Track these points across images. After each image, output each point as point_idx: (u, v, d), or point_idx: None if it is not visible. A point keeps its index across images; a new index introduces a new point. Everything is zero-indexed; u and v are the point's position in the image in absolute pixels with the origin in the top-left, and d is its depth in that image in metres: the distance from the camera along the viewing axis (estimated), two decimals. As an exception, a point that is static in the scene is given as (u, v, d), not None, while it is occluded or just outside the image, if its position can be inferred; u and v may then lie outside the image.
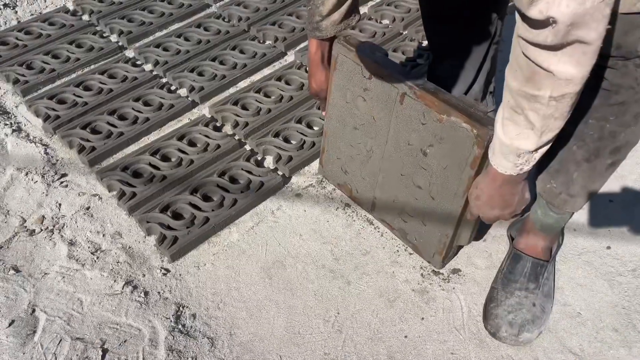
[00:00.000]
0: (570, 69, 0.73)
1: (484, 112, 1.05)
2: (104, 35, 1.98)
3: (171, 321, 1.18)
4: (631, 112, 0.90)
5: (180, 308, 1.21)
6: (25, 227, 1.37)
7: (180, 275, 1.28)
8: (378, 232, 1.37)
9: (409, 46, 1.89)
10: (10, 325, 1.16)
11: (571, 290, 1.24)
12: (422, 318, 1.20)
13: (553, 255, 1.21)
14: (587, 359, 1.12)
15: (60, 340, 1.14)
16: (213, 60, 1.86)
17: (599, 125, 0.94)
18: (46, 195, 1.45)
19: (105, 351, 1.13)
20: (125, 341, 1.15)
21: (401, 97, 1.13)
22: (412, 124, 1.14)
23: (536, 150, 0.86)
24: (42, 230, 1.37)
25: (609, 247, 1.32)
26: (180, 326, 1.18)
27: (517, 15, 0.75)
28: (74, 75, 1.83)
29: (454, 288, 1.25)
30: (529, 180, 0.98)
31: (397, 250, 1.32)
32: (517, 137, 0.85)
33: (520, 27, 0.75)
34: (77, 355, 1.12)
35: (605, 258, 1.30)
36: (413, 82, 1.11)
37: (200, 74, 1.81)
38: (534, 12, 0.69)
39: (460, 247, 1.29)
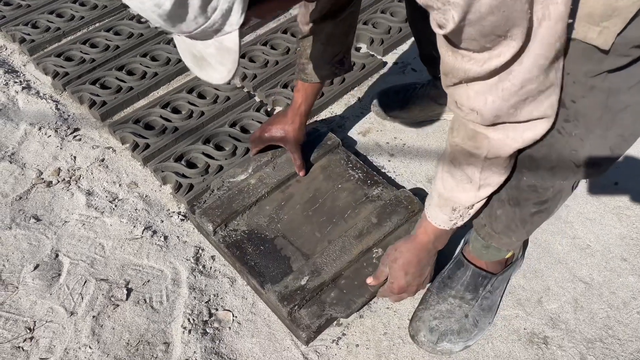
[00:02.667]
0: (502, 136, 0.74)
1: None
2: (107, -7, 1.97)
3: (191, 262, 1.22)
4: (545, 168, 0.81)
5: (200, 250, 1.24)
6: (43, 179, 1.39)
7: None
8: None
9: None
10: (35, 269, 1.20)
11: (580, 224, 1.27)
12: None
13: (504, 270, 1.10)
14: (596, 287, 1.16)
15: (86, 281, 1.18)
16: (218, 15, 1.85)
17: (516, 175, 0.86)
18: (60, 148, 1.47)
19: (129, 290, 1.16)
20: (148, 281, 1.18)
21: None
22: None
23: (472, 205, 0.87)
24: (59, 181, 1.39)
25: (616, 183, 1.34)
26: (200, 267, 1.21)
27: None
28: (79, 33, 1.83)
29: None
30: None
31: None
32: (456, 190, 0.86)
33: (452, 103, 0.76)
34: (102, 294, 1.15)
35: (613, 193, 1.32)
36: None
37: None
38: (458, 97, 0.71)
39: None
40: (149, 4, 0.55)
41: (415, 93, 1.47)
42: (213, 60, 0.66)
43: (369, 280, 1.10)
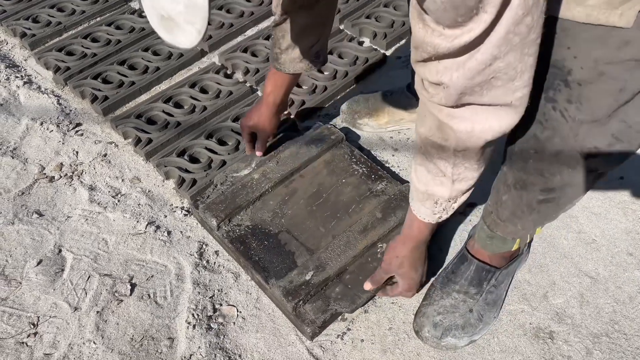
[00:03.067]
0: (468, 126, 0.72)
1: None
2: (108, -13, 1.95)
3: (195, 257, 1.21)
4: (550, 151, 0.79)
5: (203, 245, 1.24)
6: (45, 174, 1.39)
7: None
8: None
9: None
10: (38, 264, 1.19)
11: (586, 219, 1.26)
12: (441, 249, 1.22)
13: (508, 264, 1.09)
14: (602, 282, 1.15)
15: (89, 276, 1.17)
16: (219, 9, 1.84)
17: (522, 156, 0.84)
18: (62, 143, 1.46)
19: (133, 285, 1.16)
20: (152, 276, 1.18)
21: None
22: None
23: (454, 198, 0.84)
24: (61, 176, 1.38)
25: (622, 178, 1.33)
26: (204, 262, 1.21)
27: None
28: (80, 28, 1.82)
29: (470, 220, 1.27)
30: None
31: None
32: (432, 184, 0.84)
33: (418, 83, 0.74)
34: (106, 289, 1.15)
35: (618, 188, 1.32)
36: None
37: (208, 23, 1.79)
38: (427, 73, 0.69)
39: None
40: None
41: (386, 100, 1.46)
42: (181, 19, 0.63)
43: (367, 286, 1.08)
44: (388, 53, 1.69)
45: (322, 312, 1.08)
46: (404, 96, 1.44)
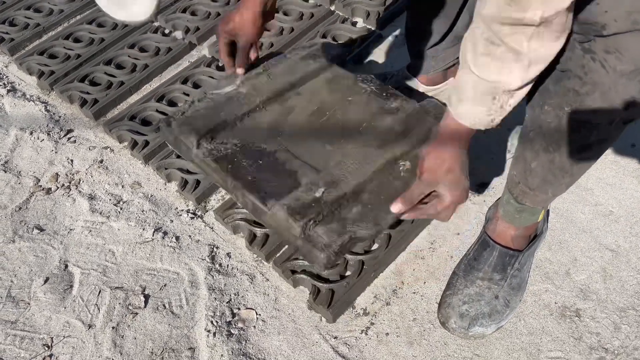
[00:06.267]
0: None
1: None
2: (85, -17, 1.87)
3: (207, 262, 1.17)
4: (589, 107, 0.74)
5: (214, 249, 1.20)
6: (41, 186, 1.33)
7: (208, 217, 1.26)
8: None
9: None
10: (45, 282, 1.15)
11: (601, 190, 1.24)
12: (458, 233, 1.20)
13: (530, 245, 1.07)
14: (623, 254, 1.14)
15: (100, 291, 1.13)
16: (204, -2, 1.77)
17: (555, 113, 0.79)
18: (55, 152, 1.40)
19: (147, 297, 1.12)
20: (165, 285, 1.14)
21: None
22: None
23: (519, 88, 0.74)
24: (58, 187, 1.33)
25: (633, 145, 1.31)
26: (217, 265, 1.17)
27: None
28: (60, 28, 1.74)
29: (484, 200, 1.24)
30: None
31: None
32: (498, 73, 0.73)
33: None
34: (119, 303, 1.11)
35: (631, 156, 1.29)
36: None
37: (194, 14, 1.73)
38: None
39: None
40: None
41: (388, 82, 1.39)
42: None
43: (397, 207, 0.88)
44: (383, 32, 1.64)
45: (338, 235, 0.87)
46: (404, 78, 1.39)
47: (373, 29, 1.64)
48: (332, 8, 1.72)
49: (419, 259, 1.16)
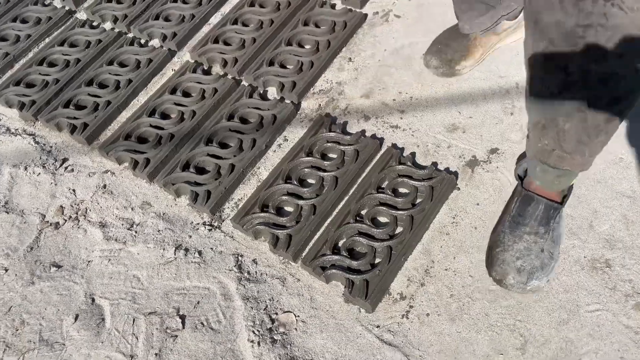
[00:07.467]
0: None
1: None
2: (46, 3, 1.79)
3: (235, 272, 1.16)
4: (612, 55, 0.76)
5: (239, 257, 1.19)
6: (48, 221, 1.29)
7: (225, 226, 1.24)
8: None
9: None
10: (76, 320, 1.12)
11: (608, 139, 1.26)
12: (477, 204, 1.21)
13: (566, 199, 1.10)
14: (640, 199, 1.16)
15: (134, 319, 1.11)
16: (174, 1, 1.71)
17: (583, 70, 0.81)
18: (55, 184, 1.36)
19: (182, 317, 1.11)
20: (198, 302, 1.13)
21: None
22: None
23: None
24: (66, 220, 1.29)
25: (631, 90, 1.33)
26: (245, 274, 1.16)
27: None
28: (31, 54, 1.67)
29: (497, 167, 1.25)
30: None
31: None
32: None
33: None
34: (156, 328, 1.10)
35: (630, 101, 1.31)
36: None
37: (167, 19, 1.68)
38: None
39: None
40: None
41: (465, 35, 1.40)
42: None
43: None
44: (364, 11, 1.62)
45: None
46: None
47: (353, 9, 1.62)
48: (308, -7, 1.68)
49: (444, 234, 1.17)
